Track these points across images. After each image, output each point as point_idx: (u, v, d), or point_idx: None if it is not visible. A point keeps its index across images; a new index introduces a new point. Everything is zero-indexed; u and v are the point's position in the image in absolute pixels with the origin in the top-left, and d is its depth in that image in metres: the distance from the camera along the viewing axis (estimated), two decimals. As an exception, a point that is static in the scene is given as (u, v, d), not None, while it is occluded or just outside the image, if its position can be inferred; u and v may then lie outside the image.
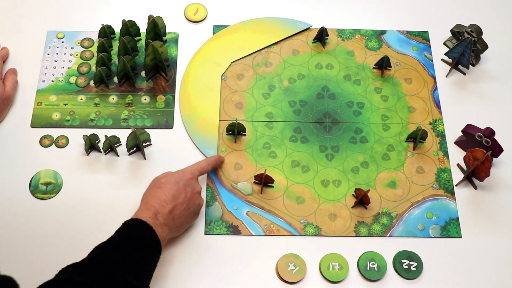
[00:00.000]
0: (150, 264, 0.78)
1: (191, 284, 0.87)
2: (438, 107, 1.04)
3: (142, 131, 0.93)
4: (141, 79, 1.05)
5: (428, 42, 1.11)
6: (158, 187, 0.85)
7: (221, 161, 0.96)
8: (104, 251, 0.75)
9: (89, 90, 1.03)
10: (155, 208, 0.82)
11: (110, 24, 1.07)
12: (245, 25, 1.11)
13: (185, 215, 0.85)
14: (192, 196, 0.86)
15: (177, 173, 0.88)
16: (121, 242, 0.77)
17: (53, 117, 1.00)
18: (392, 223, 0.93)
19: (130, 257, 0.75)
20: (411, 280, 0.89)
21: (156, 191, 0.84)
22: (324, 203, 0.95)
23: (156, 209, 0.81)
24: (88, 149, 0.96)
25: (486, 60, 1.10)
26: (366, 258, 0.90)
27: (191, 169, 0.89)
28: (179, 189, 0.85)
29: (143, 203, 0.84)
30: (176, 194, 0.84)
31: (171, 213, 0.83)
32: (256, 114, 1.02)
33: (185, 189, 0.85)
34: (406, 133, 1.01)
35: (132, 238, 0.78)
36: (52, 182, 0.94)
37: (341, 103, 1.04)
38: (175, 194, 0.84)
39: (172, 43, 1.09)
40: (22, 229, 0.90)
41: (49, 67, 1.05)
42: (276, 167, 0.97)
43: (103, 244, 0.77)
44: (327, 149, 0.99)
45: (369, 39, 1.11)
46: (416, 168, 0.98)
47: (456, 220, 0.94)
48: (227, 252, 0.90)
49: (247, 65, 1.07)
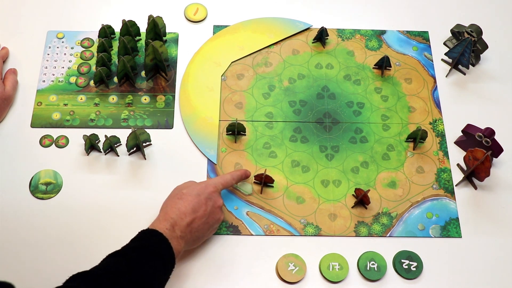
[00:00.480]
0: (162, 277, 0.77)
1: (191, 284, 0.87)
2: (438, 107, 1.04)
3: (142, 131, 0.93)
4: (141, 79, 1.05)
5: (428, 42, 1.11)
6: (179, 197, 0.83)
7: (246, 176, 0.93)
8: (116, 261, 0.74)
9: (89, 90, 1.03)
10: (173, 219, 0.80)
11: (110, 24, 1.07)
12: (245, 25, 1.11)
13: (203, 229, 0.84)
14: (213, 210, 0.85)
15: (200, 185, 0.86)
16: (135, 253, 0.75)
17: (53, 117, 1.00)
18: (392, 223, 0.93)
19: (142, 269, 0.74)
20: (411, 280, 0.89)
21: (177, 202, 0.82)
22: (324, 203, 0.95)
23: (174, 221, 0.80)
24: (88, 149, 0.96)
25: (486, 60, 1.10)
26: (366, 258, 0.90)
27: (215, 182, 0.87)
28: (200, 201, 0.83)
29: (162, 213, 0.82)
30: (197, 206, 0.82)
31: (189, 225, 0.81)
32: (256, 114, 1.02)
33: (206, 203, 0.84)
34: (406, 133, 1.01)
35: (147, 249, 0.76)
36: (52, 182, 0.94)
37: (341, 103, 1.04)
38: (195, 207, 0.82)
39: (172, 43, 1.09)
40: (22, 229, 0.90)
41: (49, 67, 1.05)
42: (276, 167, 0.97)
43: (116, 253, 0.75)
44: (327, 149, 0.99)
45: (369, 39, 1.11)
46: (416, 168, 0.98)
47: (456, 220, 0.94)
48: (227, 252, 0.90)
49: (247, 65, 1.07)
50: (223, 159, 0.98)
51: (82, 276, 0.71)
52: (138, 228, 0.81)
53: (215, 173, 0.96)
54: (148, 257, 0.75)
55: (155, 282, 0.75)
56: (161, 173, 0.96)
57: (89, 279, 0.71)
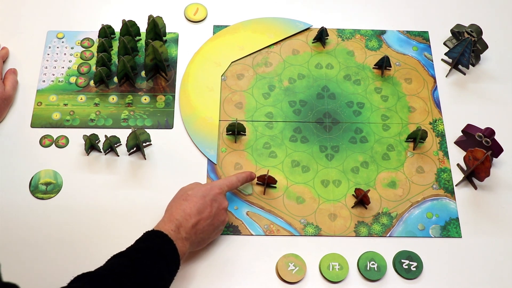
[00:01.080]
0: (166, 279, 0.76)
1: (190, 283, 0.87)
2: (438, 107, 1.04)
3: (142, 131, 0.93)
4: (141, 79, 1.05)
5: (428, 42, 1.11)
6: (184, 199, 0.83)
7: (252, 178, 0.93)
8: (121, 262, 0.74)
9: (89, 90, 1.03)
10: (178, 221, 0.80)
11: (110, 24, 1.07)
12: (245, 25, 1.11)
13: (208, 231, 0.84)
14: (218, 212, 0.84)
15: (205, 186, 0.86)
16: (139, 254, 0.75)
17: (53, 117, 1.00)
18: (392, 223, 0.93)
19: (146, 271, 0.74)
20: (411, 280, 0.89)
21: (182, 203, 0.82)
22: (324, 203, 0.95)
23: (179, 222, 0.80)
24: (88, 149, 0.96)
25: (486, 60, 1.10)
26: (366, 258, 0.90)
27: (220, 183, 0.87)
28: (205, 203, 0.83)
29: (166, 214, 0.82)
30: (202, 208, 0.82)
31: (194, 227, 0.81)
32: (256, 114, 1.02)
33: (211, 204, 0.83)
34: (406, 133, 1.01)
35: (151, 250, 0.76)
36: (52, 182, 0.94)
37: (341, 103, 1.04)
38: (201, 208, 0.82)
39: (172, 43, 1.09)
40: (22, 229, 0.90)
41: (49, 67, 1.05)
42: (276, 167, 0.97)
43: (121, 254, 0.75)
44: (327, 149, 0.99)
45: (369, 39, 1.11)
46: (416, 168, 0.98)
47: (456, 220, 0.94)
48: (227, 252, 0.90)
49: (247, 65, 1.07)
50: (223, 159, 0.98)
51: (87, 277, 0.71)
52: (138, 228, 0.81)
53: (215, 173, 0.96)
54: (153, 259, 0.75)
55: (159, 284, 0.75)
56: (161, 173, 0.96)
57: (93, 280, 0.70)
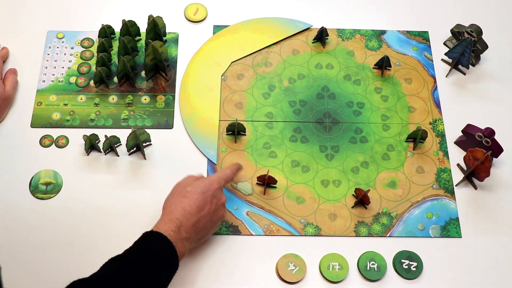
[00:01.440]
0: (164, 281, 0.75)
1: (190, 283, 0.87)
2: (438, 107, 1.04)
3: (142, 131, 0.93)
4: (141, 79, 1.05)
5: (428, 42, 1.11)
6: (183, 196, 0.81)
7: (240, 168, 0.93)
8: (118, 266, 0.73)
9: (89, 90, 1.03)
10: (179, 220, 0.78)
11: (110, 24, 1.07)
12: (245, 25, 1.11)
13: (207, 227, 0.83)
14: (217, 207, 0.83)
15: (204, 182, 0.83)
16: (137, 258, 0.74)
17: (53, 117, 1.00)
18: (392, 223, 0.93)
19: (143, 275, 0.72)
20: (411, 280, 0.89)
21: (181, 201, 0.80)
22: (324, 203, 0.95)
23: (180, 222, 0.78)
24: (88, 149, 0.96)
25: (486, 60, 1.10)
26: (366, 258, 0.90)
27: (218, 178, 0.85)
28: (205, 199, 0.81)
29: (166, 212, 0.80)
30: (202, 205, 0.81)
31: (195, 225, 0.79)
32: (256, 114, 1.02)
33: (211, 201, 0.82)
34: (406, 133, 1.01)
35: (149, 253, 0.74)
36: (52, 182, 0.94)
37: (341, 103, 1.04)
38: (201, 205, 0.80)
39: (172, 43, 1.09)
40: (22, 229, 0.90)
41: (49, 67, 1.05)
42: (276, 167, 0.97)
43: (119, 257, 0.74)
44: (327, 149, 0.99)
45: (369, 39, 1.11)
46: (416, 168, 0.98)
47: (456, 220, 0.94)
48: (227, 252, 0.90)
49: (247, 65, 1.07)
50: (223, 159, 0.98)
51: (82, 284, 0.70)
52: (138, 228, 0.81)
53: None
54: (151, 262, 0.74)
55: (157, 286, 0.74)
56: (161, 173, 0.96)
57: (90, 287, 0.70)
